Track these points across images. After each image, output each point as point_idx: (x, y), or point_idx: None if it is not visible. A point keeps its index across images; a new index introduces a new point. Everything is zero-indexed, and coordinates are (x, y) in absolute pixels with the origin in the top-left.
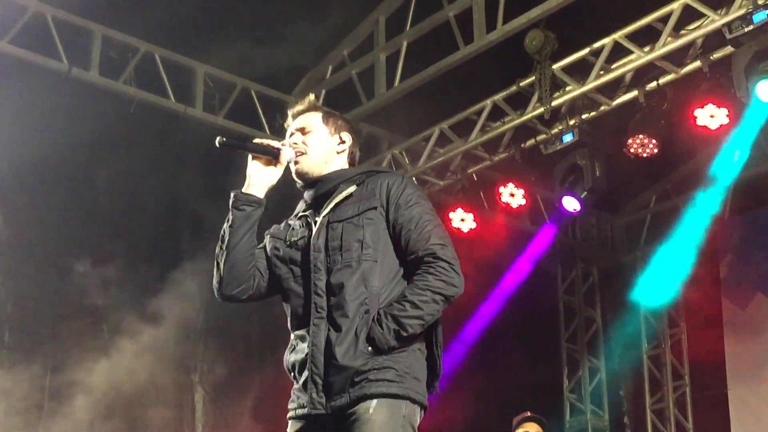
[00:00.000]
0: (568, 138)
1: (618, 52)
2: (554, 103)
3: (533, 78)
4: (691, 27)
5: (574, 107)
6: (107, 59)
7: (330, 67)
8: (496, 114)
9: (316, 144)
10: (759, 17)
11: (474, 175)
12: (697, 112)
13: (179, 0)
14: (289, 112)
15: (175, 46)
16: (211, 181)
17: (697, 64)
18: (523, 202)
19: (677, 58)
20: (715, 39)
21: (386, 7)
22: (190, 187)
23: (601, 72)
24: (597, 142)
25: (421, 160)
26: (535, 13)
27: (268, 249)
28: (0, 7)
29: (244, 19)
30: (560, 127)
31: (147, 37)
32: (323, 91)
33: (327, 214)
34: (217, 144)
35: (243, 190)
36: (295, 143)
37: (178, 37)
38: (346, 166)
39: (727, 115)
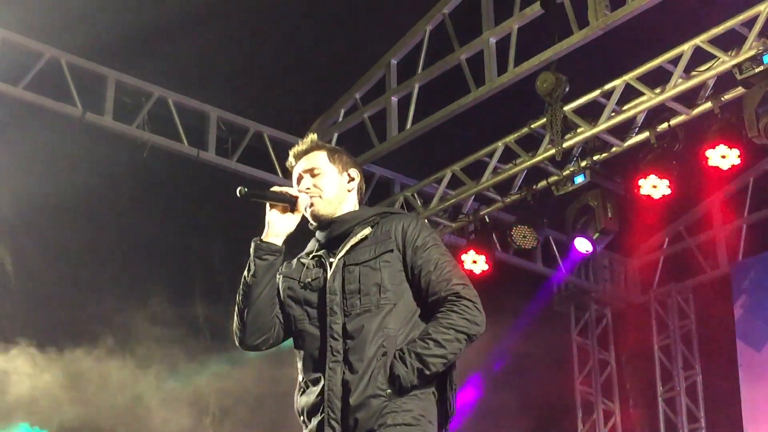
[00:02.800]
0: (579, 179)
1: (629, 93)
2: (566, 145)
3: (545, 120)
4: (702, 68)
5: (586, 149)
6: (121, 104)
7: (342, 110)
8: (508, 156)
9: (328, 185)
10: None
11: (486, 217)
12: (709, 153)
13: (192, 45)
14: (292, 153)
15: (188, 90)
16: (224, 226)
17: (708, 105)
18: (535, 243)
19: (688, 99)
20: (725, 80)
21: (398, 51)
22: (203, 232)
23: (613, 113)
24: (609, 183)
25: (433, 202)
26: (546, 55)
27: (281, 289)
28: (15, 53)
29: (257, 63)
30: (572, 169)
31: (160, 82)
32: (335, 134)
33: (343, 256)
34: (238, 194)
35: (263, 238)
36: (308, 188)
37: (191, 81)
38: (356, 202)
39: (739, 156)
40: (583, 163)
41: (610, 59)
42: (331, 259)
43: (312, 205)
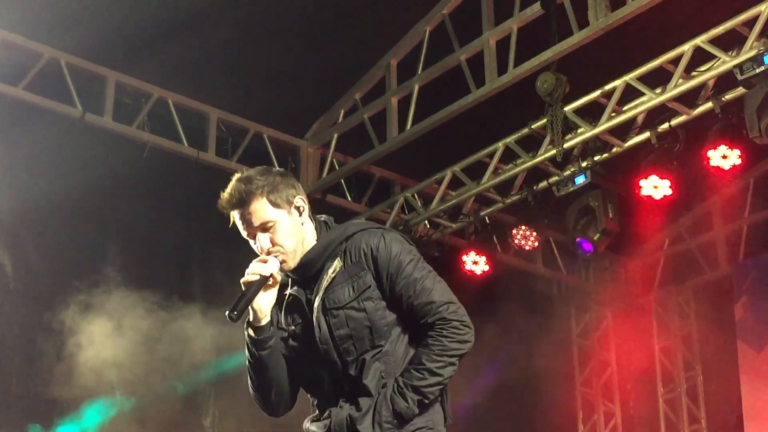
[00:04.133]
0: (580, 180)
1: (630, 93)
2: (566, 145)
3: (545, 120)
4: (703, 68)
5: (587, 149)
6: (121, 105)
7: (342, 111)
8: (508, 156)
9: (287, 237)
10: None
11: (486, 217)
12: (710, 153)
13: (192, 45)
14: (226, 202)
15: (188, 91)
16: (223, 227)
17: (709, 105)
18: (536, 244)
19: (689, 99)
20: (726, 80)
21: (398, 51)
22: (202, 232)
23: (613, 114)
24: (609, 183)
25: (433, 202)
26: (546, 55)
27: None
28: (15, 53)
29: (257, 63)
30: (572, 169)
31: (160, 83)
32: (335, 135)
33: (322, 299)
34: (229, 319)
35: (254, 323)
36: (270, 249)
37: (191, 82)
38: (313, 229)
39: (740, 156)
40: (584, 164)
41: (611, 59)
42: (309, 296)
43: (284, 262)
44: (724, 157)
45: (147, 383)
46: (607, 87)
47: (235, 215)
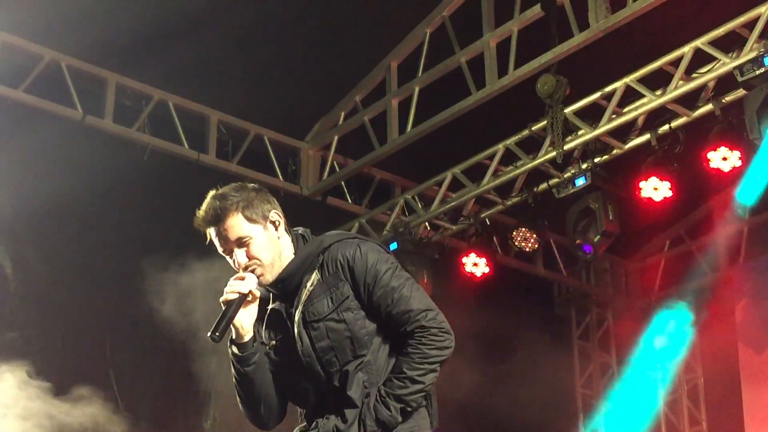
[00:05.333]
0: (580, 182)
1: (630, 95)
2: (566, 147)
3: (545, 122)
4: (703, 70)
5: (587, 151)
6: (121, 107)
7: (342, 113)
8: (509, 158)
9: (263, 251)
10: None
11: (487, 219)
12: (710, 155)
13: (192, 48)
14: (202, 220)
15: (189, 93)
16: None
17: (709, 107)
18: (536, 246)
19: (689, 101)
20: (726, 82)
21: (398, 54)
22: (202, 235)
23: (613, 115)
24: (610, 185)
25: (433, 204)
26: (546, 57)
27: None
28: (15, 55)
29: (257, 66)
30: (573, 171)
31: (160, 85)
32: (336, 137)
33: (302, 313)
34: (212, 340)
35: (237, 340)
36: (247, 264)
37: (191, 84)
38: (290, 242)
39: (740, 158)
40: (584, 166)
41: (611, 61)
42: (290, 310)
43: (261, 276)
44: (724, 158)
45: None
46: (608, 89)
47: (211, 232)
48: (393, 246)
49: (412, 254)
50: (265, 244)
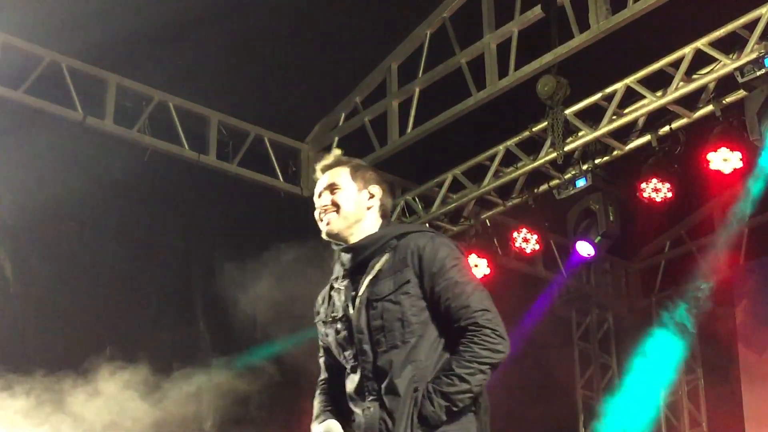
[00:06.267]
0: (581, 183)
1: (630, 96)
2: (567, 148)
3: (546, 123)
4: (704, 71)
5: (587, 152)
6: (122, 108)
7: (343, 114)
8: (509, 159)
9: (345, 202)
10: None
11: (487, 220)
12: (711, 156)
13: (192, 49)
14: (317, 167)
15: (189, 94)
16: (224, 230)
17: (710, 108)
18: (537, 247)
19: (690, 102)
20: (727, 83)
21: (398, 54)
22: (204, 236)
23: (614, 117)
24: (610, 186)
25: (434, 205)
26: (547, 58)
27: (320, 337)
28: (16, 57)
29: (257, 67)
30: (573, 172)
31: (161, 86)
32: (336, 138)
33: (365, 290)
34: None
35: None
36: (325, 205)
37: (192, 85)
38: (377, 220)
39: (741, 159)
40: (585, 167)
41: (611, 62)
42: (354, 292)
43: (329, 223)
44: (724, 160)
45: None
46: (608, 90)
47: (319, 177)
48: None
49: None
50: (350, 199)
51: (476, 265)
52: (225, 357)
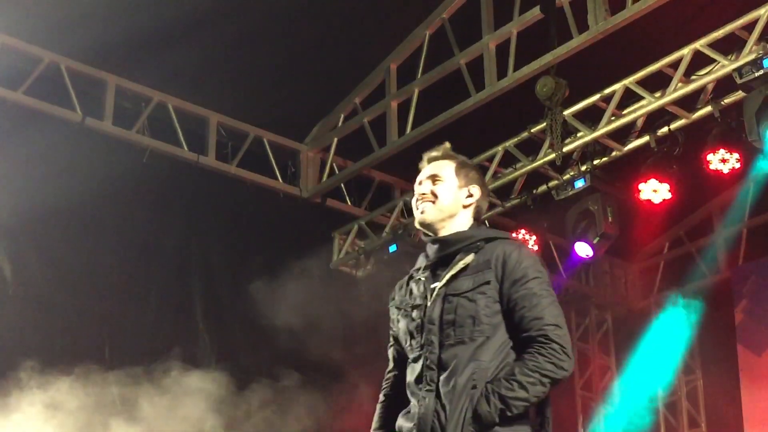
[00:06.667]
0: (579, 184)
1: (629, 97)
2: (566, 149)
3: (544, 124)
4: (702, 72)
5: (586, 153)
6: (120, 109)
7: (342, 115)
8: (508, 160)
9: (444, 195)
10: None
11: (486, 221)
12: (709, 157)
13: (192, 50)
14: (425, 156)
15: (188, 95)
16: (223, 230)
17: (708, 109)
18: (536, 248)
19: (688, 103)
20: (725, 84)
21: (398, 55)
22: (202, 237)
23: (613, 118)
24: (609, 187)
25: None
26: (545, 59)
27: (392, 320)
28: (15, 58)
29: (256, 68)
30: (572, 173)
31: (160, 87)
32: (335, 139)
33: (444, 285)
34: None
35: None
36: (423, 193)
37: (191, 86)
38: (470, 221)
39: (739, 160)
40: (583, 168)
41: (610, 63)
42: (434, 285)
43: (423, 212)
44: (723, 160)
45: None
46: (607, 91)
47: (424, 166)
48: (392, 248)
49: (411, 256)
50: (449, 193)
51: None
52: (224, 358)
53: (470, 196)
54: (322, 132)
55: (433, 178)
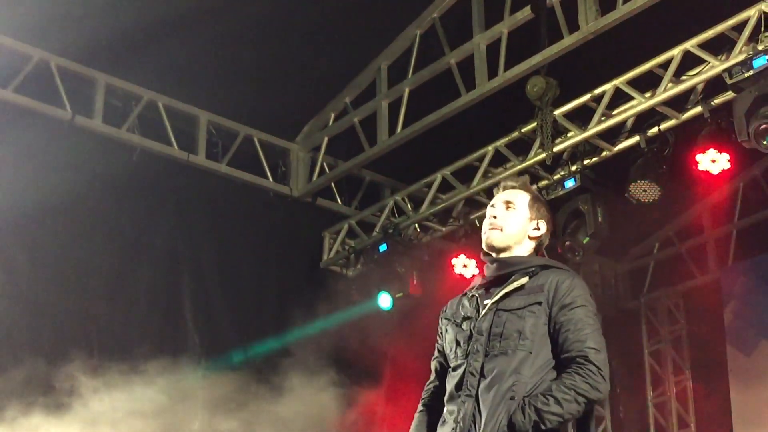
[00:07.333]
0: (569, 184)
1: (619, 97)
2: (556, 149)
3: (535, 124)
4: (692, 73)
5: (576, 153)
6: (110, 107)
7: (332, 114)
8: (498, 160)
9: (514, 222)
10: (759, 62)
11: (476, 221)
12: (699, 158)
13: (182, 48)
14: (502, 184)
15: (179, 93)
16: (213, 230)
17: (698, 109)
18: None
19: (678, 103)
20: (715, 84)
21: (388, 55)
22: (192, 235)
23: (603, 118)
24: (599, 187)
25: (423, 206)
26: (536, 59)
27: (440, 330)
28: (4, 55)
29: (247, 66)
30: (562, 173)
31: (150, 85)
32: (325, 138)
33: (496, 301)
34: None
35: None
36: (495, 216)
37: (181, 84)
38: (531, 251)
39: (729, 160)
40: (573, 168)
41: (600, 63)
42: (486, 301)
43: (489, 236)
44: (713, 161)
45: None
46: (597, 91)
47: (501, 191)
48: (383, 247)
49: (401, 255)
50: (518, 222)
51: (465, 266)
52: (213, 356)
53: (537, 229)
54: (313, 131)
55: (507, 204)
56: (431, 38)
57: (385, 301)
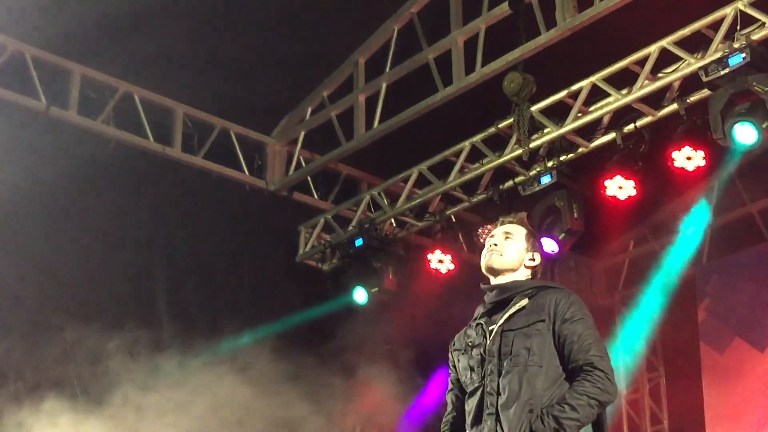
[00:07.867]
0: (546, 180)
1: (596, 94)
2: (532, 145)
3: (511, 120)
4: (668, 70)
5: (552, 149)
6: (86, 99)
7: (309, 108)
8: (475, 155)
9: (512, 250)
10: (735, 61)
11: (452, 216)
12: (675, 155)
13: (159, 40)
14: (500, 219)
15: (155, 86)
16: (188, 222)
17: (674, 106)
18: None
19: (654, 100)
20: (691, 82)
21: (366, 49)
22: (167, 228)
23: (579, 114)
24: (575, 183)
25: (399, 201)
26: (513, 55)
27: (452, 363)
28: None
29: (223, 59)
30: (538, 169)
31: (126, 77)
32: (302, 132)
33: (501, 324)
34: None
35: None
36: (495, 244)
37: (157, 77)
38: (529, 274)
39: (704, 158)
40: (550, 164)
41: (577, 60)
42: (491, 327)
43: (489, 259)
44: (688, 158)
45: None
46: (574, 87)
47: (500, 225)
48: (359, 242)
49: (377, 251)
50: (516, 250)
51: (441, 261)
52: (188, 348)
53: (533, 260)
54: (290, 125)
55: (506, 234)
56: (409, 33)
57: (360, 295)
